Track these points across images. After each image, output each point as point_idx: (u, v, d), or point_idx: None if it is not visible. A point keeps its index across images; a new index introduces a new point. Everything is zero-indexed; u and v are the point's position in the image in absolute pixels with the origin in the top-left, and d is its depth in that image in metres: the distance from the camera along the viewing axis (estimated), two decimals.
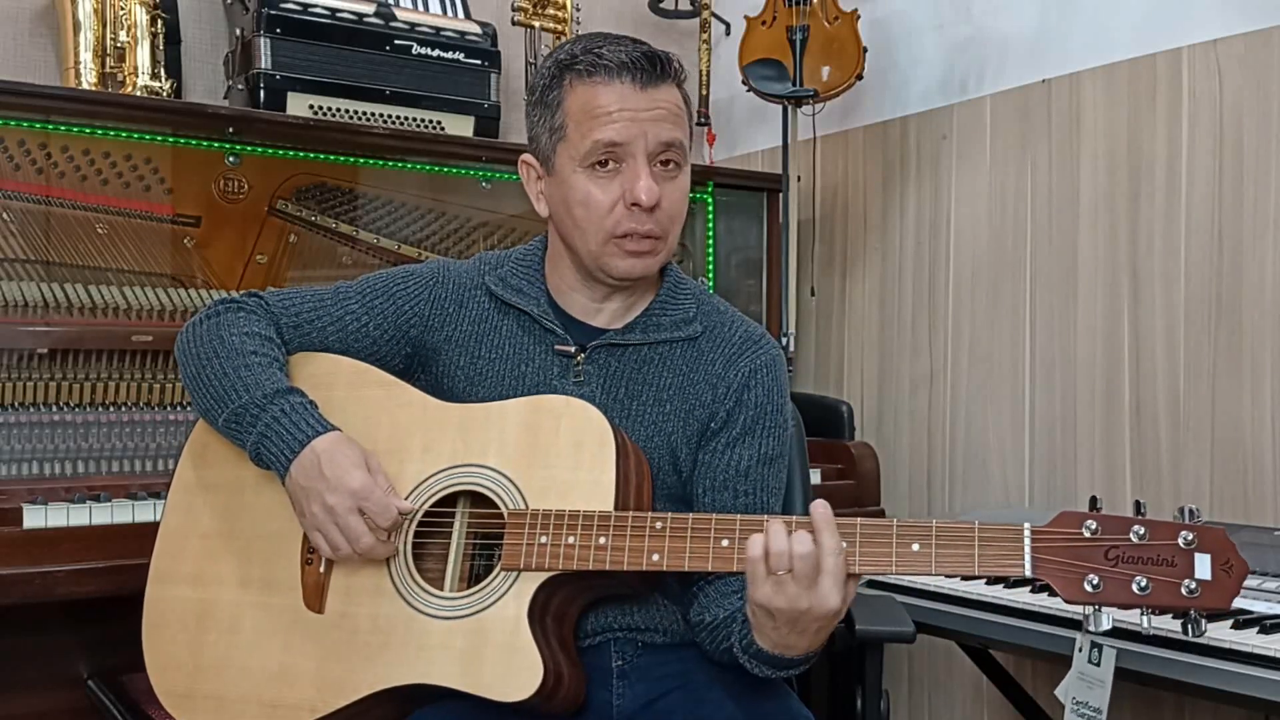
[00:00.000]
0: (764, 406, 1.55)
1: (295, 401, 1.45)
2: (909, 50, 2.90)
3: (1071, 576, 1.24)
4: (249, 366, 1.48)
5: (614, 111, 1.45)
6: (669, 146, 1.47)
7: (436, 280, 1.60)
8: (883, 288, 2.96)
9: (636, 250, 1.48)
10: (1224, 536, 1.22)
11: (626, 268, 1.50)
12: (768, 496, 1.55)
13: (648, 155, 1.46)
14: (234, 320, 1.54)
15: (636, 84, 1.46)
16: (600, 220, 1.47)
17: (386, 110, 2.54)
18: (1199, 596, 1.21)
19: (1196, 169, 2.33)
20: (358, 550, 1.39)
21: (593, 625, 1.50)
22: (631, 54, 1.47)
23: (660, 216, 1.47)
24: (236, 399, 1.46)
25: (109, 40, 2.35)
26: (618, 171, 1.46)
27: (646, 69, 1.46)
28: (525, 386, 1.53)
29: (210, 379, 1.49)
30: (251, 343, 1.51)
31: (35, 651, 2.10)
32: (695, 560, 1.35)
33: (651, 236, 1.48)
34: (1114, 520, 1.25)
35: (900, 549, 1.29)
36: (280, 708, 1.42)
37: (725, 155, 3.33)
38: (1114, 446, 2.45)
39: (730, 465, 1.53)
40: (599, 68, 1.46)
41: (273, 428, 1.43)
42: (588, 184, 1.47)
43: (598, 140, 1.45)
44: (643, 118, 1.45)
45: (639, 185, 1.45)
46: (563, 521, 1.38)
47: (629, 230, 1.47)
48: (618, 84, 1.46)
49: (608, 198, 1.46)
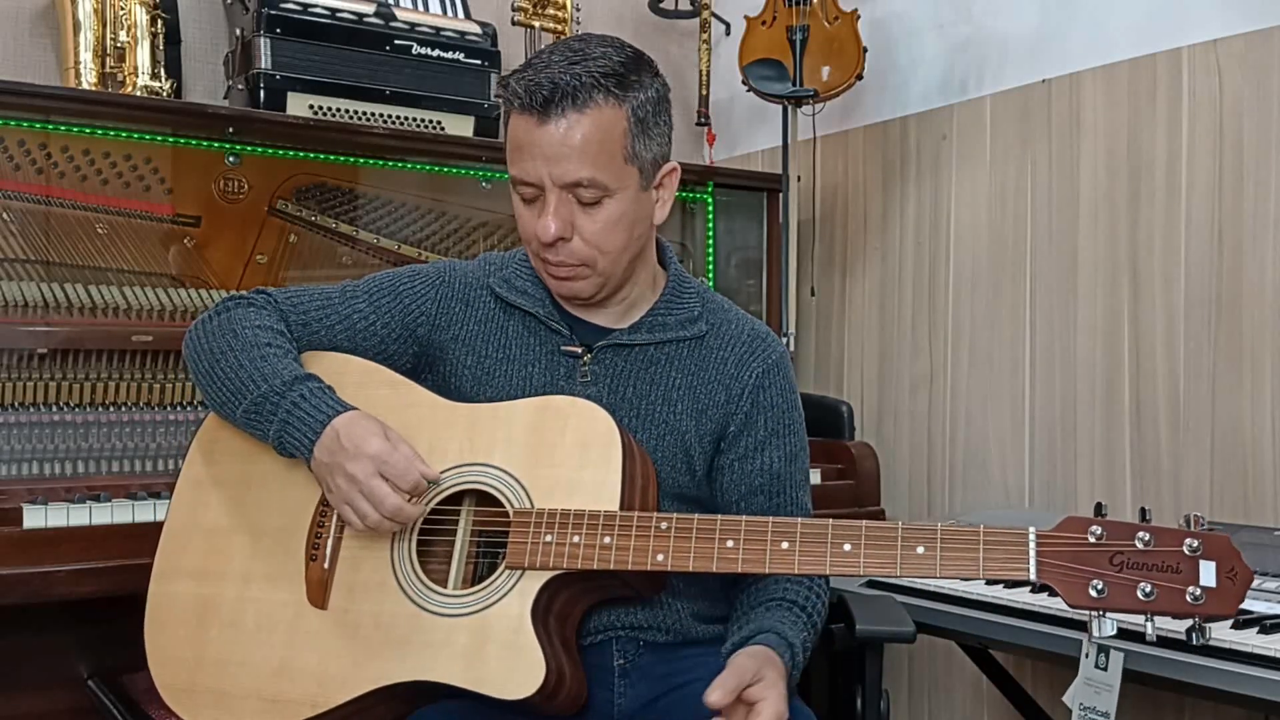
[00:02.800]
0: (781, 407, 1.58)
1: (313, 386, 1.46)
2: (909, 50, 2.90)
3: (1076, 582, 1.25)
4: (264, 358, 1.48)
5: (522, 148, 1.43)
6: (575, 185, 1.42)
7: (442, 280, 1.61)
8: (883, 288, 2.96)
9: (559, 276, 1.49)
10: (1229, 544, 1.23)
11: (559, 289, 1.52)
12: (797, 492, 1.59)
13: (559, 190, 1.43)
14: (244, 315, 1.55)
15: (534, 119, 1.41)
16: (529, 244, 1.50)
17: (386, 110, 2.54)
18: (1204, 604, 1.22)
19: (1196, 169, 2.33)
20: (384, 513, 1.39)
21: (595, 624, 1.50)
22: (531, 83, 1.40)
23: (575, 249, 1.45)
24: (255, 389, 1.46)
25: (109, 40, 2.34)
26: (537, 200, 1.45)
27: (542, 103, 1.39)
28: (532, 387, 1.53)
29: (225, 372, 1.49)
30: (264, 335, 1.52)
31: (35, 651, 2.10)
32: (700, 561, 1.36)
33: (565, 265, 1.47)
34: (1119, 526, 1.25)
35: (905, 552, 1.30)
36: (281, 702, 1.43)
37: (725, 155, 3.33)
38: (1114, 446, 2.45)
39: (763, 470, 1.55)
40: (513, 97, 1.43)
41: (294, 414, 1.44)
42: (521, 209, 1.48)
43: (513, 175, 1.46)
44: (545, 154, 1.41)
45: (539, 224, 1.44)
46: (568, 521, 1.38)
47: (545, 258, 1.48)
48: (523, 118, 1.42)
49: (531, 225, 1.47)
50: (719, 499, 1.57)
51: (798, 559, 1.34)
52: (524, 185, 1.45)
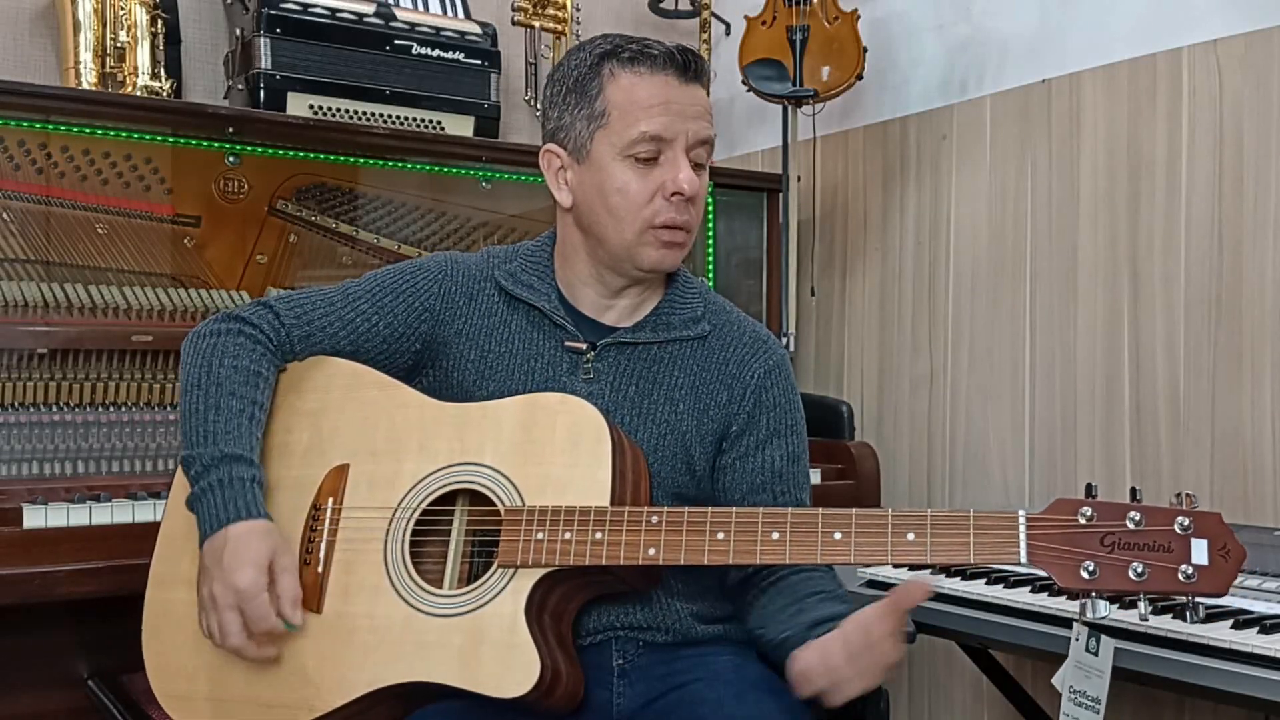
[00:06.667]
0: (784, 406, 1.59)
1: (238, 474, 1.41)
2: (909, 50, 2.90)
3: (1068, 564, 1.24)
4: (218, 410, 1.45)
5: (660, 104, 1.47)
6: (704, 143, 1.50)
7: (445, 274, 1.60)
8: (883, 288, 2.96)
9: (671, 241, 1.51)
10: (1220, 521, 1.22)
11: (658, 258, 1.51)
12: (800, 492, 1.59)
13: (686, 149, 1.48)
14: (231, 347, 1.50)
15: (682, 79, 1.48)
16: (638, 210, 1.49)
17: (386, 110, 2.54)
18: (1196, 582, 1.21)
19: (1196, 169, 2.32)
20: (225, 645, 1.38)
21: (595, 624, 1.50)
22: (670, 49, 1.50)
23: (694, 209, 1.51)
24: (191, 445, 1.44)
25: (109, 40, 2.35)
26: (656, 164, 1.48)
27: (685, 65, 1.49)
28: (535, 382, 1.53)
29: (187, 408, 1.47)
30: (236, 379, 1.47)
31: (35, 651, 2.10)
32: (691, 554, 1.36)
33: (686, 229, 1.51)
34: (1110, 506, 1.25)
35: (895, 539, 1.29)
36: (278, 707, 1.42)
37: (725, 155, 3.33)
38: (1114, 446, 2.45)
39: (765, 468, 1.56)
40: (644, 58, 1.48)
41: (208, 493, 1.41)
42: (627, 173, 1.48)
43: (644, 131, 1.47)
44: (686, 113, 1.48)
45: (681, 176, 1.47)
46: (559, 517, 1.38)
47: (668, 220, 1.49)
48: (662, 76, 1.48)
49: (646, 188, 1.48)
50: (722, 498, 1.57)
51: (789, 549, 1.34)
52: (649, 143, 1.47)
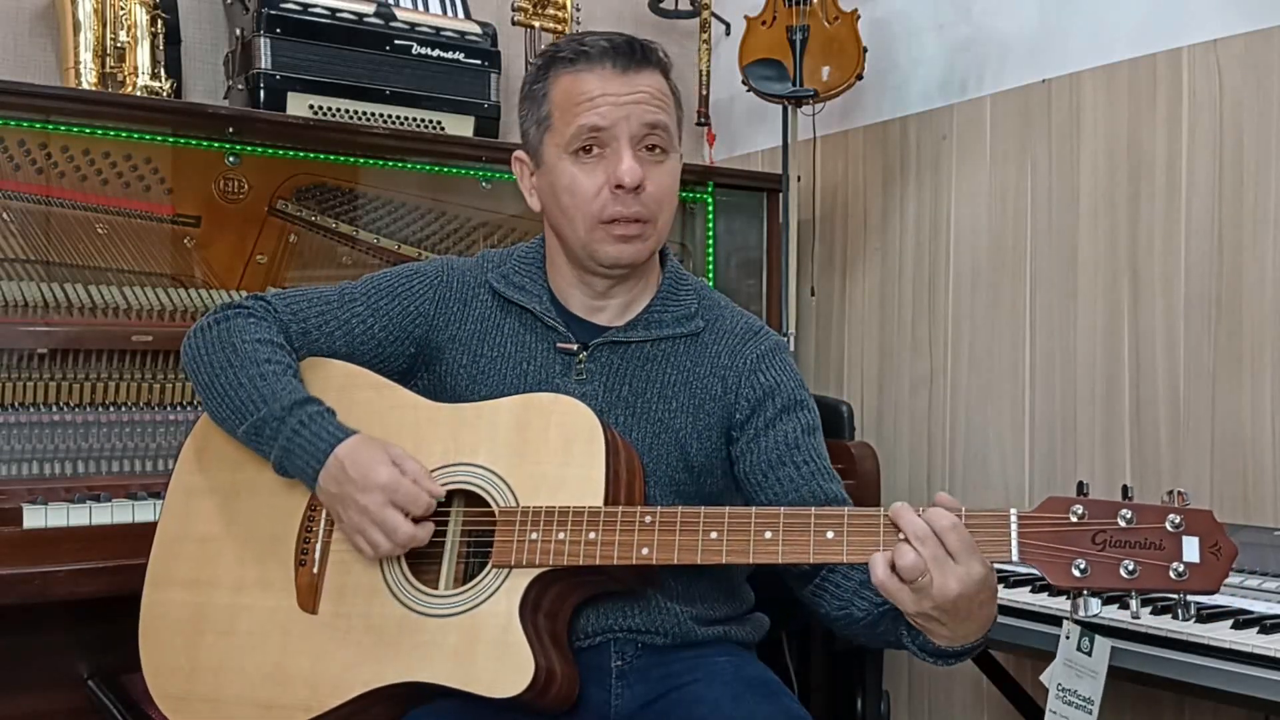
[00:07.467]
0: (787, 385, 1.57)
1: (313, 411, 1.45)
2: (909, 50, 2.90)
3: (1059, 562, 1.24)
4: (264, 376, 1.47)
5: (596, 97, 1.46)
6: (653, 129, 1.48)
7: (441, 279, 1.61)
8: (883, 288, 2.96)
9: (624, 235, 1.49)
10: (1211, 519, 1.22)
11: (615, 253, 1.50)
12: (823, 460, 1.56)
13: (631, 139, 1.47)
14: (243, 326, 1.53)
15: (617, 69, 1.47)
16: (587, 205, 1.48)
17: (386, 110, 2.54)
18: (1187, 579, 1.21)
19: (1196, 169, 2.32)
20: (398, 541, 1.39)
21: (593, 626, 1.50)
22: (612, 40, 1.49)
23: (646, 200, 1.48)
24: (255, 412, 1.46)
25: (109, 40, 2.35)
26: (602, 157, 1.47)
27: (626, 54, 1.48)
28: (528, 384, 1.53)
29: (226, 389, 1.49)
30: (264, 350, 1.50)
31: (35, 651, 2.10)
32: (685, 553, 1.36)
33: (639, 220, 1.49)
34: (1101, 505, 1.25)
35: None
36: (275, 708, 1.43)
37: (725, 155, 3.33)
38: (1114, 446, 2.45)
39: (780, 442, 1.53)
40: (580, 55, 1.48)
41: (294, 440, 1.43)
42: (573, 170, 1.48)
43: (581, 125, 1.46)
44: (624, 101, 1.47)
45: (621, 167, 1.46)
46: (553, 518, 1.38)
47: (615, 215, 1.48)
48: (599, 69, 1.47)
49: (593, 183, 1.48)
50: (747, 486, 1.55)
51: (781, 548, 1.33)
52: (587, 136, 1.47)
